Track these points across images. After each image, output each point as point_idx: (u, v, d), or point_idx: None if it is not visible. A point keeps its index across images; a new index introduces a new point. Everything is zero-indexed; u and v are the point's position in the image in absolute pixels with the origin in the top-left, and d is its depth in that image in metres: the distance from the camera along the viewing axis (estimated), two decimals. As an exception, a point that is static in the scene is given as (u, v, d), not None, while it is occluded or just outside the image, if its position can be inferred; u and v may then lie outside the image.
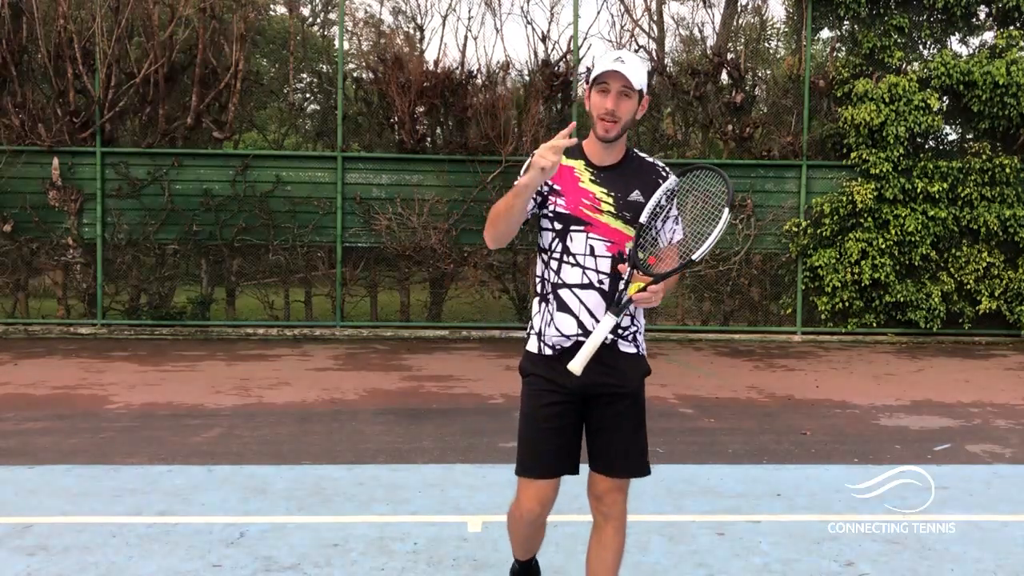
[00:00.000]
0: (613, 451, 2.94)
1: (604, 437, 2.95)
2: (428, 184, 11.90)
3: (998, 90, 11.44)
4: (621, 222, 2.89)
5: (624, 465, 2.96)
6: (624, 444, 2.94)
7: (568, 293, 2.90)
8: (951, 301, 11.94)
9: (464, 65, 12.14)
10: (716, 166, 3.01)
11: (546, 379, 2.93)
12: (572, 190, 2.90)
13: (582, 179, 2.91)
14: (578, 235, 2.89)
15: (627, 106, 2.83)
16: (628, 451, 2.95)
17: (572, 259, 2.89)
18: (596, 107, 2.83)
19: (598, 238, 2.89)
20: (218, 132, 11.75)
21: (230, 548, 4.13)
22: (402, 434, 6.43)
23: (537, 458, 2.96)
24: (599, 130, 2.85)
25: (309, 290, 12.21)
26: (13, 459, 5.61)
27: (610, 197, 2.90)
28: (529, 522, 3.08)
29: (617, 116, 2.82)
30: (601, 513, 3.01)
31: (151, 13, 11.51)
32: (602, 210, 2.89)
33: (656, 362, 10.07)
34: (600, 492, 2.99)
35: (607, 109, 2.80)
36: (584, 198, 2.89)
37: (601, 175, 2.92)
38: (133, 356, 9.95)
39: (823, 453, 6.06)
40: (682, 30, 14.76)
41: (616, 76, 2.79)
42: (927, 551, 4.22)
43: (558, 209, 2.90)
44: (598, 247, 2.89)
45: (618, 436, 2.94)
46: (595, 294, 2.88)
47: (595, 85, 2.83)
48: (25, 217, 11.47)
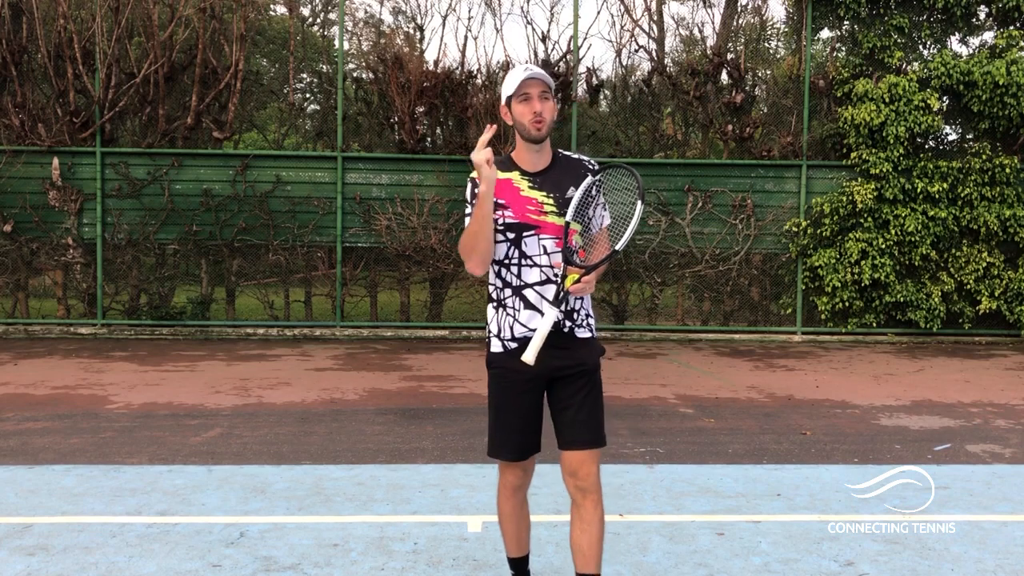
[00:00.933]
0: (579, 425, 3.19)
1: (569, 413, 3.20)
2: (428, 184, 11.90)
3: (998, 90, 11.44)
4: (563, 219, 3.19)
5: (590, 436, 3.20)
6: (587, 417, 3.20)
7: (531, 292, 3.19)
8: (951, 301, 11.94)
9: (464, 65, 12.15)
10: (628, 164, 3.35)
11: (512, 370, 3.20)
12: (515, 200, 3.20)
13: (522, 188, 3.21)
14: (531, 239, 3.19)
15: (550, 106, 3.17)
16: (591, 422, 3.21)
17: (530, 261, 3.20)
18: (522, 114, 3.14)
19: (548, 237, 3.19)
20: (218, 132, 11.75)
21: (230, 548, 4.13)
22: (402, 434, 6.43)
23: (510, 441, 3.26)
24: (531, 130, 3.14)
25: (309, 290, 12.21)
26: (13, 459, 5.61)
27: (550, 198, 3.20)
28: (515, 488, 3.33)
29: (543, 116, 3.13)
30: (578, 489, 3.20)
31: (151, 13, 11.52)
32: (546, 211, 3.19)
33: (656, 362, 10.07)
34: (574, 467, 3.19)
35: (535, 111, 3.12)
36: (528, 205, 3.19)
37: (537, 180, 3.22)
38: (133, 356, 9.95)
39: (823, 453, 6.06)
40: (682, 30, 14.78)
41: (534, 83, 3.13)
42: (927, 551, 4.22)
43: (507, 220, 3.19)
44: (549, 245, 3.19)
45: (582, 410, 3.20)
46: (553, 286, 3.18)
47: (516, 97, 3.15)
48: (25, 217, 11.47)
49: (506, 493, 3.37)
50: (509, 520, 3.42)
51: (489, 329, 3.31)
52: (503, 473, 3.36)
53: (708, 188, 12.07)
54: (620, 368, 9.47)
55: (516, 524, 3.42)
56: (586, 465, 3.19)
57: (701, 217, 12.07)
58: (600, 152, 12.83)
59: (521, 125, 3.16)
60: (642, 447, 6.11)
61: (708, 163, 12.34)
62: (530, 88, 3.13)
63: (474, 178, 3.19)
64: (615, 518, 4.62)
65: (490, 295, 3.33)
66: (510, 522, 3.42)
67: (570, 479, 3.21)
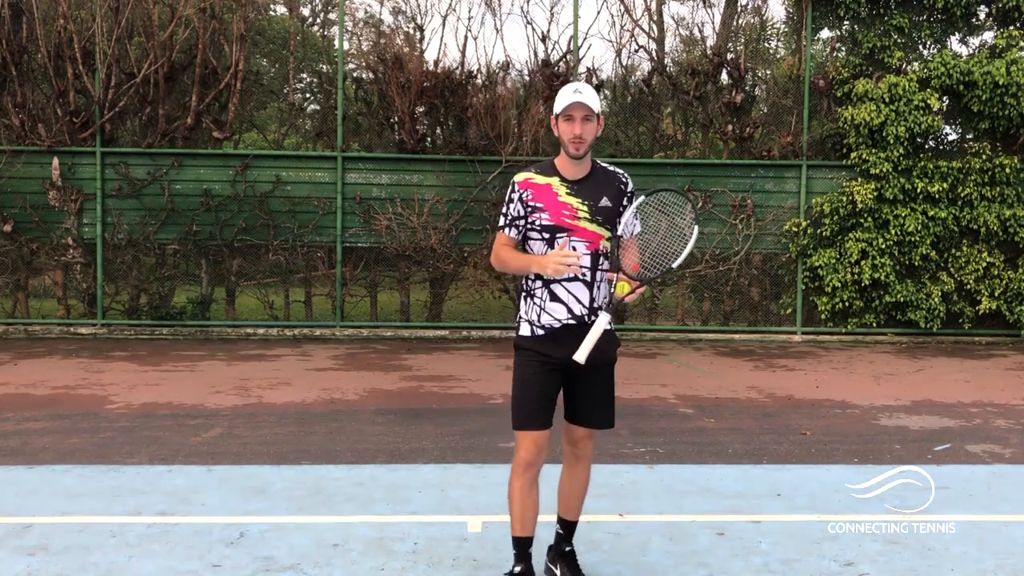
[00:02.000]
0: (592, 407, 3.64)
1: (585, 396, 3.63)
2: (428, 184, 11.90)
3: (998, 90, 11.44)
4: (595, 225, 3.55)
5: (600, 418, 3.67)
6: (601, 401, 3.66)
7: (559, 287, 3.55)
8: (951, 301, 11.94)
9: (464, 65, 12.15)
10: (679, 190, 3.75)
11: (539, 352, 3.56)
12: (552, 204, 3.54)
13: (559, 193, 3.55)
14: (562, 240, 3.52)
15: (590, 128, 3.51)
16: (605, 407, 3.68)
17: None
18: (565, 133, 3.49)
19: (579, 240, 3.54)
20: (218, 132, 11.75)
21: (230, 548, 4.13)
22: (402, 434, 6.44)
23: (533, 414, 3.54)
24: (571, 149, 3.50)
25: (309, 290, 12.21)
26: (13, 459, 5.61)
27: (584, 205, 3.55)
28: (529, 464, 3.55)
29: (583, 138, 3.48)
30: (575, 455, 3.73)
31: (151, 13, 11.52)
32: (579, 217, 3.54)
33: (656, 362, 10.07)
34: (577, 439, 3.69)
35: (576, 134, 3.47)
36: (564, 209, 3.54)
37: (575, 187, 3.57)
38: (133, 356, 9.95)
39: (823, 453, 6.06)
40: (682, 30, 14.76)
41: (578, 107, 3.46)
42: (927, 551, 4.22)
43: (543, 222, 3.54)
44: (580, 248, 3.53)
45: (597, 395, 3.64)
46: (580, 285, 3.55)
47: (561, 116, 3.50)
48: (25, 217, 11.47)
49: (518, 470, 3.57)
50: (518, 496, 3.57)
51: (519, 314, 3.68)
52: (519, 448, 3.57)
53: (708, 188, 12.07)
54: (620, 368, 9.41)
55: (523, 502, 3.57)
56: (587, 440, 3.71)
57: (701, 217, 12.06)
58: (600, 152, 12.82)
59: (563, 141, 3.51)
60: (642, 447, 6.12)
61: (708, 163, 12.33)
62: (574, 111, 3.46)
63: (515, 183, 3.58)
64: (615, 518, 4.62)
65: (521, 285, 3.68)
66: (518, 499, 3.57)
67: (570, 447, 3.73)
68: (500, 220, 3.66)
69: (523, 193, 3.57)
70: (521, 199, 3.57)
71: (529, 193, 3.56)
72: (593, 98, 3.49)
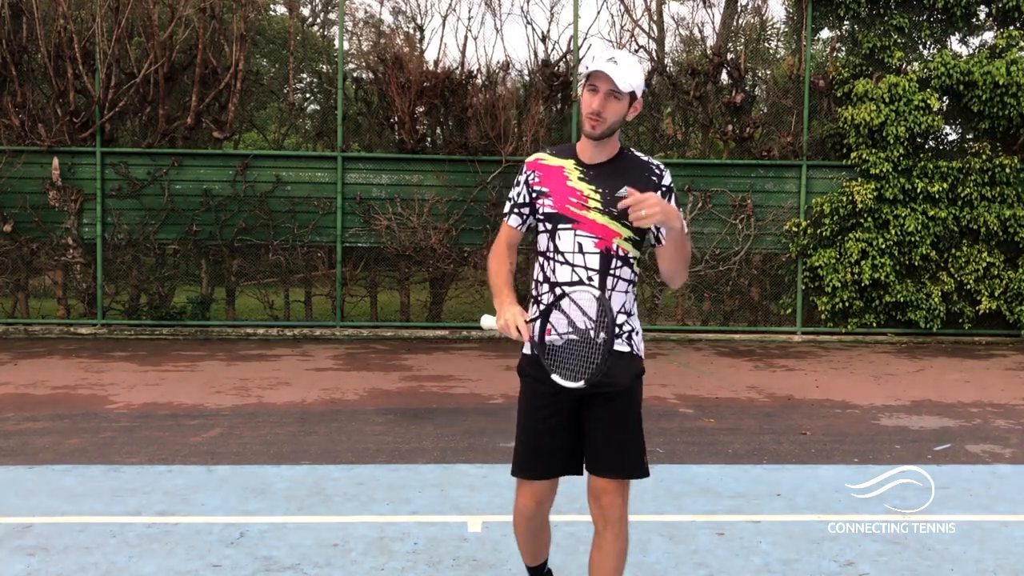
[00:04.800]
0: (606, 450, 2.91)
1: (597, 436, 2.93)
2: (428, 184, 11.90)
3: (998, 90, 11.44)
4: (608, 218, 2.89)
5: (618, 464, 2.92)
6: (617, 443, 2.91)
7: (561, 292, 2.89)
8: (951, 301, 11.94)
9: (464, 65, 12.15)
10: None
11: (536, 380, 2.96)
12: (559, 189, 2.94)
13: (570, 178, 2.94)
14: (566, 233, 2.91)
15: (615, 108, 2.84)
16: (622, 450, 2.92)
17: (562, 257, 2.93)
18: (585, 105, 2.85)
19: (585, 235, 2.90)
20: (218, 132, 11.75)
21: (230, 548, 4.13)
22: (402, 434, 6.43)
23: (531, 459, 3.00)
24: (586, 126, 2.86)
25: (309, 290, 12.21)
26: (13, 459, 5.61)
27: (597, 194, 2.91)
28: (528, 517, 3.09)
29: (603, 116, 2.83)
30: (600, 517, 2.95)
31: (151, 13, 11.51)
32: (589, 207, 2.90)
33: (656, 362, 10.07)
34: (597, 493, 2.96)
35: (593, 109, 2.82)
36: (571, 196, 2.92)
37: (590, 172, 2.94)
38: (133, 356, 9.95)
39: (823, 453, 6.06)
40: (682, 30, 14.76)
41: (604, 79, 2.80)
42: (927, 551, 4.22)
43: (546, 210, 2.96)
44: (586, 244, 2.90)
45: (611, 435, 2.91)
46: (585, 293, 2.85)
47: (587, 83, 2.85)
48: (25, 217, 11.47)
49: (519, 519, 3.13)
50: (524, 536, 3.21)
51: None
52: (517, 494, 3.10)
53: (708, 188, 12.07)
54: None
55: (531, 540, 3.21)
56: (609, 495, 2.92)
57: (701, 217, 12.07)
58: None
59: (582, 115, 2.88)
60: (642, 447, 6.11)
61: (708, 163, 12.33)
62: (599, 82, 2.82)
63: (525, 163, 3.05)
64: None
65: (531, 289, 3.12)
66: (525, 538, 3.22)
67: (594, 504, 2.97)
68: (505, 206, 3.10)
69: (530, 175, 3.00)
70: (527, 182, 3.01)
71: (536, 175, 2.99)
72: (628, 73, 2.80)
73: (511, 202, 3.08)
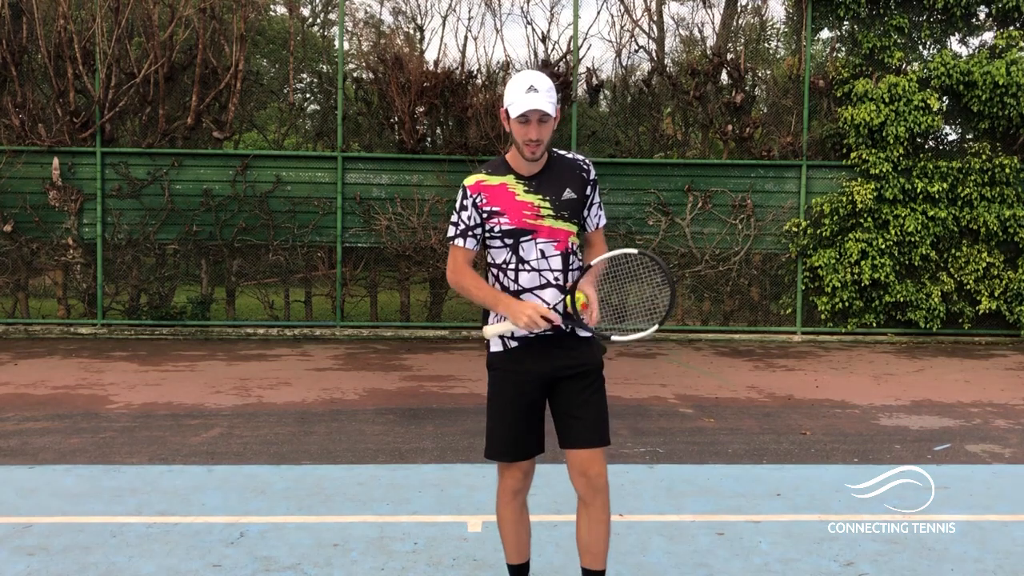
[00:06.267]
0: (585, 424, 3.21)
1: (576, 412, 3.21)
2: (428, 184, 11.90)
3: (998, 90, 11.44)
4: (562, 221, 3.20)
5: (600, 435, 3.23)
6: (595, 415, 3.23)
7: (529, 296, 3.19)
8: (951, 301, 11.94)
9: (464, 65, 12.15)
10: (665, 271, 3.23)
11: (513, 371, 3.22)
12: (511, 205, 3.18)
13: (517, 193, 3.19)
14: (528, 244, 3.18)
15: (547, 129, 3.11)
16: (599, 421, 3.23)
17: (527, 266, 3.20)
18: (519, 135, 3.10)
19: (546, 241, 3.19)
20: (218, 132, 11.75)
21: (230, 548, 4.13)
22: (402, 434, 6.44)
23: (513, 442, 3.25)
24: (526, 153, 3.12)
25: (309, 290, 12.21)
26: (13, 459, 5.61)
27: (546, 202, 3.19)
28: (514, 493, 3.30)
29: (540, 140, 3.10)
30: (589, 489, 3.22)
31: (151, 13, 11.51)
32: (543, 215, 3.18)
33: (656, 362, 10.07)
34: (584, 467, 3.21)
35: (531, 138, 3.08)
36: (524, 209, 3.18)
37: (533, 183, 3.20)
38: (133, 356, 9.95)
39: (823, 453, 6.06)
40: (682, 30, 14.74)
41: (533, 112, 3.05)
42: (927, 551, 4.22)
43: (503, 227, 3.18)
44: (548, 249, 3.20)
45: (588, 410, 3.22)
46: (552, 290, 3.20)
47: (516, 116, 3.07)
48: (25, 217, 11.47)
49: (505, 498, 3.34)
50: (509, 526, 3.38)
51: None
52: (502, 476, 3.34)
53: (708, 188, 12.07)
54: (620, 368, 9.47)
55: (516, 530, 3.38)
56: (596, 464, 3.22)
57: (701, 217, 12.07)
58: (600, 152, 12.83)
59: (517, 143, 3.14)
60: (642, 447, 6.11)
61: (708, 163, 12.33)
62: (531, 114, 3.07)
63: (466, 187, 3.21)
64: (615, 518, 4.62)
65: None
66: (510, 528, 3.38)
67: (580, 479, 3.22)
68: (450, 231, 3.25)
69: (476, 198, 3.19)
70: (475, 204, 3.18)
71: (483, 197, 3.18)
72: (550, 97, 3.07)
73: (460, 226, 3.23)
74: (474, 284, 3.22)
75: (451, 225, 3.26)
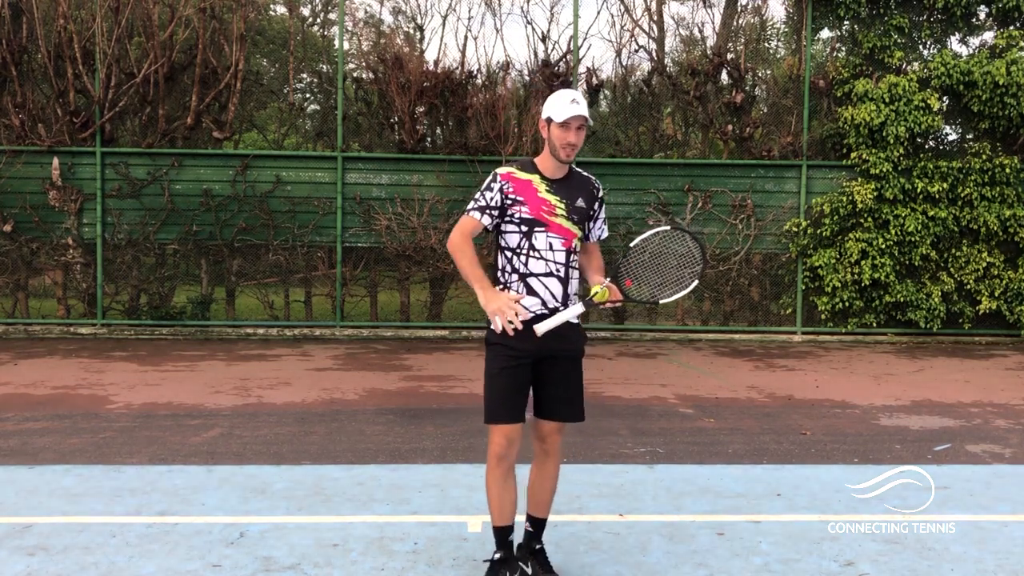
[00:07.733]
0: (560, 400, 3.68)
1: (552, 389, 3.67)
2: (428, 184, 11.90)
3: (998, 90, 11.44)
4: (570, 223, 3.68)
5: (573, 412, 3.72)
6: (569, 395, 3.69)
7: (535, 280, 3.64)
8: (951, 301, 11.94)
9: (464, 65, 12.15)
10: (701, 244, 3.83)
11: (510, 347, 3.57)
12: (532, 199, 3.65)
13: (540, 190, 3.66)
14: (540, 234, 3.64)
15: (583, 136, 3.64)
16: (574, 401, 3.71)
17: (537, 254, 3.64)
18: (559, 139, 3.58)
19: (555, 236, 3.65)
20: (218, 132, 11.75)
21: (230, 548, 4.13)
22: (402, 434, 6.43)
23: (503, 407, 3.59)
24: (562, 155, 3.61)
25: (309, 290, 12.21)
26: (13, 459, 5.61)
27: (562, 204, 3.67)
28: (502, 456, 3.60)
29: (577, 145, 3.62)
30: (544, 451, 3.77)
31: (151, 13, 11.52)
32: (557, 214, 3.65)
33: (656, 362, 10.07)
34: (545, 434, 3.74)
35: (570, 142, 3.59)
36: (543, 205, 3.65)
37: (554, 186, 3.69)
38: (133, 356, 9.95)
39: (823, 453, 6.06)
40: (682, 30, 14.77)
41: (576, 117, 3.56)
42: (927, 551, 4.22)
43: (523, 215, 3.64)
44: (555, 243, 3.65)
45: (564, 389, 3.68)
46: (554, 279, 3.65)
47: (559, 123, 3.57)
48: (25, 217, 11.47)
49: (492, 462, 3.63)
50: (494, 489, 3.65)
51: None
52: (492, 440, 3.62)
53: (708, 188, 12.07)
54: (620, 368, 9.47)
55: (499, 493, 3.65)
56: (555, 435, 3.75)
57: (701, 217, 12.07)
58: (600, 152, 12.83)
59: (554, 147, 3.60)
60: (642, 447, 6.11)
61: (708, 163, 12.33)
62: (573, 122, 3.56)
63: (498, 173, 3.65)
64: (615, 518, 4.62)
65: (497, 278, 3.72)
66: (495, 492, 3.65)
67: (539, 443, 3.76)
68: (471, 204, 3.69)
69: (504, 185, 3.64)
70: (502, 190, 3.64)
71: (511, 186, 3.64)
72: (585, 106, 3.63)
73: (481, 202, 3.66)
74: (470, 256, 3.60)
75: (473, 200, 3.69)
